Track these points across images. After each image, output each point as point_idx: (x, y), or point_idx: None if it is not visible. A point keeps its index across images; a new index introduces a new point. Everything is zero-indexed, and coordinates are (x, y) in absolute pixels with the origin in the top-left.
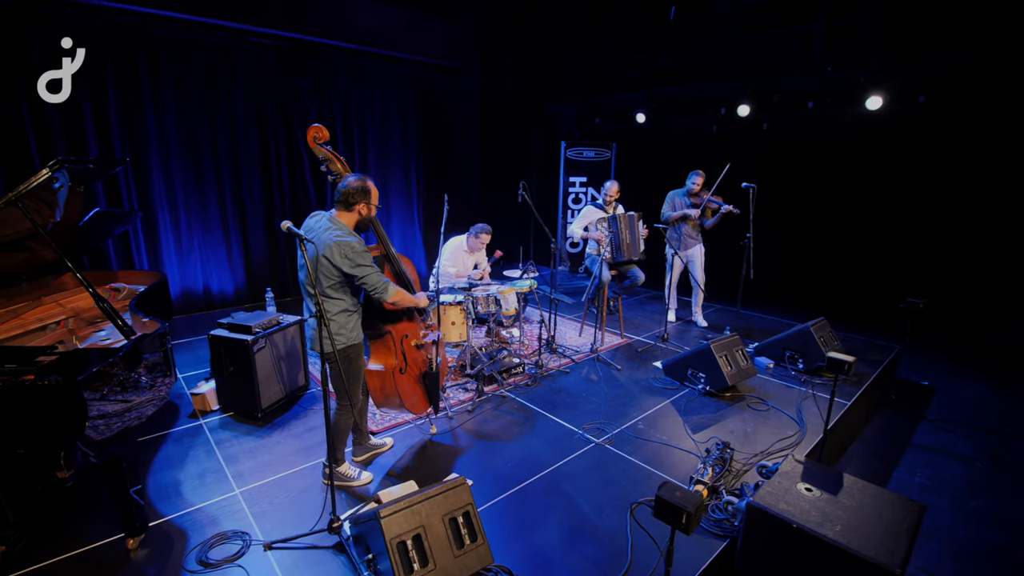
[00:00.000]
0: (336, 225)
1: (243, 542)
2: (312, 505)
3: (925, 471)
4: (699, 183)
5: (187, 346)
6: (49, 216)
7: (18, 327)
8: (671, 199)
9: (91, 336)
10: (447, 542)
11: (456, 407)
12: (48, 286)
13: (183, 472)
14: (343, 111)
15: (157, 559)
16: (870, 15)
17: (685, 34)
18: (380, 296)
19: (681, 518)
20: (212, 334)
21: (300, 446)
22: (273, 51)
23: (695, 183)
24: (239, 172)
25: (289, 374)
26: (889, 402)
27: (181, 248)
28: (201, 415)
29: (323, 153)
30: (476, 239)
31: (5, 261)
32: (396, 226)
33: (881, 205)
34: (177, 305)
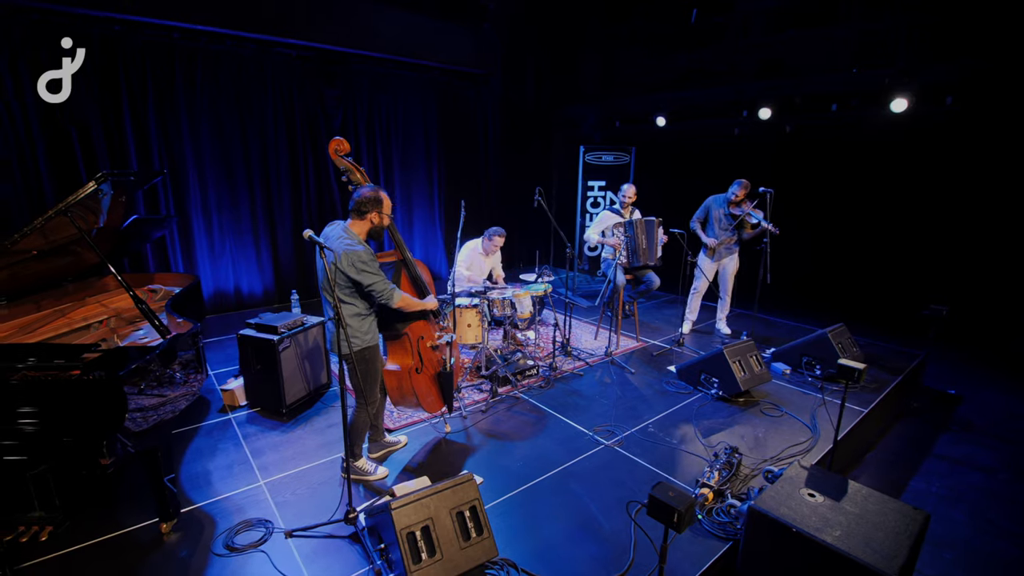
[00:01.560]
0: (348, 234)
1: (266, 529)
2: (330, 497)
3: (944, 481)
4: (740, 195)
5: (218, 344)
6: (93, 223)
7: (65, 326)
8: (707, 206)
9: (131, 335)
10: (454, 534)
11: (470, 407)
12: (92, 287)
13: (213, 463)
14: (367, 118)
15: (188, 542)
16: (897, 15)
17: (706, 36)
18: (386, 301)
19: (672, 517)
20: (241, 333)
21: (321, 441)
22: (300, 61)
23: (736, 194)
24: (268, 178)
25: (312, 372)
26: (911, 410)
27: (213, 251)
28: (230, 410)
29: (344, 164)
30: (490, 242)
31: (54, 264)
32: (418, 230)
33: (905, 208)
34: (209, 305)
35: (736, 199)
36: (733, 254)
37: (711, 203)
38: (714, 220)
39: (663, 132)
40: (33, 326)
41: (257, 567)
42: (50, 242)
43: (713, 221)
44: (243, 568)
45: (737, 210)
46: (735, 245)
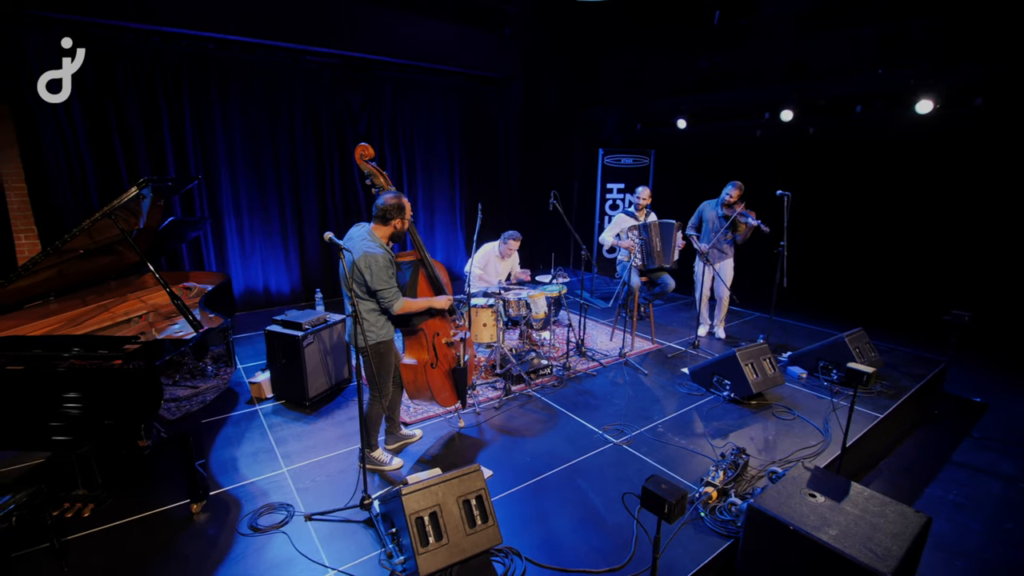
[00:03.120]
0: (371, 238)
1: (287, 513)
2: (347, 484)
3: (961, 489)
4: (734, 195)
5: (247, 340)
6: (134, 224)
7: (107, 320)
8: (700, 211)
9: (167, 328)
10: (460, 521)
11: (484, 403)
12: (131, 284)
13: (239, 450)
14: (390, 122)
15: (216, 522)
16: (923, 16)
17: (729, 38)
18: (388, 307)
19: (664, 508)
20: (268, 329)
21: (341, 433)
22: (328, 68)
23: (730, 195)
24: (296, 182)
25: (335, 367)
26: (932, 417)
27: (244, 251)
28: (257, 401)
29: (368, 169)
30: (505, 245)
31: (98, 263)
32: (440, 232)
33: (927, 211)
34: (239, 302)
35: (730, 200)
36: (727, 258)
37: (704, 207)
38: (708, 223)
39: (683, 135)
40: (79, 319)
41: (278, 547)
42: (95, 242)
43: (707, 224)
44: (266, 547)
45: (731, 211)
46: (729, 247)
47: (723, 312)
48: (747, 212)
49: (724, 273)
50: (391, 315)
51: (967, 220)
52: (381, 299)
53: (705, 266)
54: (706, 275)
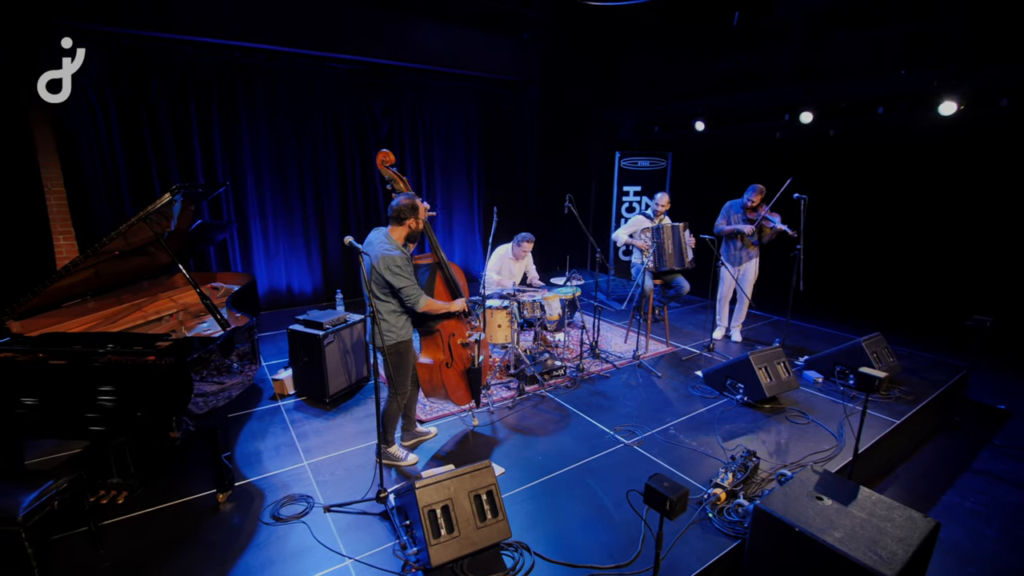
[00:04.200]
0: (388, 240)
1: (307, 504)
2: (365, 479)
3: (979, 497)
4: (756, 200)
5: (271, 338)
6: (166, 227)
7: (140, 318)
8: (727, 211)
9: (196, 327)
10: (471, 514)
11: (498, 403)
12: (162, 284)
13: (263, 444)
14: (411, 126)
15: (240, 512)
16: (947, 16)
17: (749, 40)
18: (412, 305)
19: (665, 504)
20: (290, 328)
21: (359, 429)
22: (350, 75)
23: (751, 200)
24: (319, 185)
25: (354, 366)
26: (953, 424)
27: (268, 253)
28: (279, 398)
29: (389, 174)
30: (519, 247)
31: (131, 263)
32: (458, 234)
33: (949, 214)
34: (264, 302)
35: (752, 204)
36: (752, 259)
37: (729, 207)
38: (733, 224)
39: (701, 137)
40: (115, 317)
41: (298, 536)
42: (130, 244)
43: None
44: (287, 536)
45: (754, 215)
46: (755, 249)
47: (742, 315)
48: (773, 216)
49: (749, 274)
50: (415, 313)
51: (989, 222)
52: (405, 297)
53: (733, 267)
54: (727, 277)
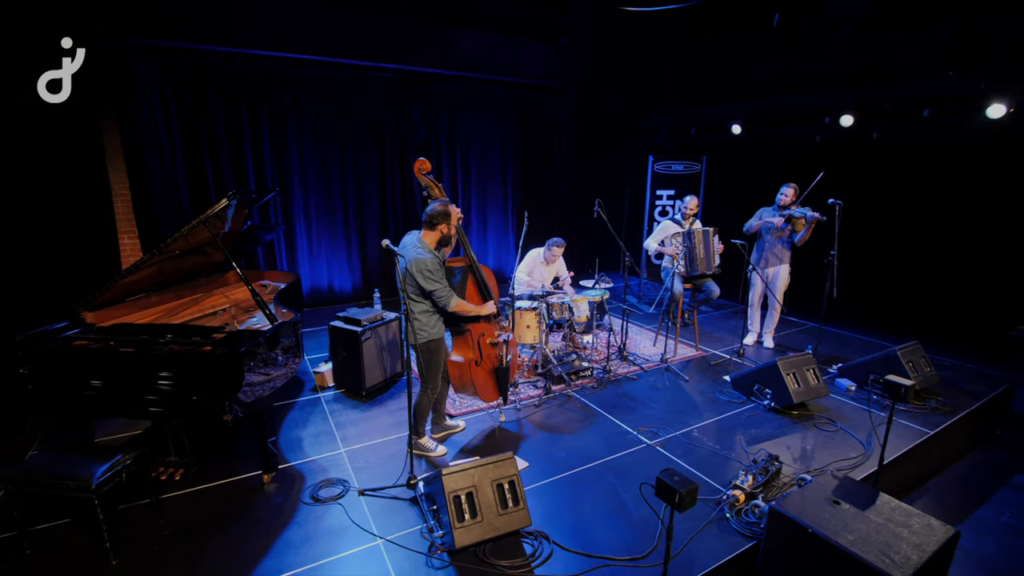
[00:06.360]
0: (421, 244)
1: (343, 487)
2: (397, 466)
3: (1016, 512)
4: (790, 195)
5: (313, 334)
6: (220, 228)
7: (197, 312)
8: (759, 214)
9: (246, 321)
10: (494, 502)
11: (525, 401)
12: (216, 281)
13: (304, 431)
14: (448, 132)
15: (283, 492)
16: (997, 17)
17: (789, 42)
18: (444, 306)
19: (675, 498)
20: (331, 325)
21: (393, 420)
22: (391, 83)
23: (785, 195)
24: (360, 189)
25: (389, 361)
26: (993, 438)
27: (312, 253)
28: (320, 390)
29: (425, 181)
30: (549, 251)
31: (189, 262)
32: (492, 237)
33: (994, 221)
34: (307, 300)
35: (785, 201)
36: (783, 263)
37: (761, 211)
38: (764, 229)
39: (736, 140)
40: (175, 311)
41: (335, 516)
42: (189, 244)
43: (764, 230)
44: (324, 516)
45: (787, 212)
46: (786, 250)
47: (774, 321)
48: (801, 208)
49: (779, 279)
50: (447, 313)
51: None
52: (436, 299)
53: (763, 271)
54: (757, 281)
